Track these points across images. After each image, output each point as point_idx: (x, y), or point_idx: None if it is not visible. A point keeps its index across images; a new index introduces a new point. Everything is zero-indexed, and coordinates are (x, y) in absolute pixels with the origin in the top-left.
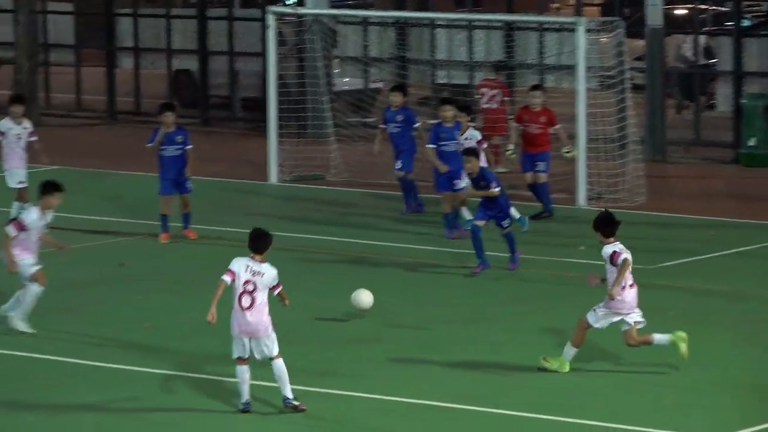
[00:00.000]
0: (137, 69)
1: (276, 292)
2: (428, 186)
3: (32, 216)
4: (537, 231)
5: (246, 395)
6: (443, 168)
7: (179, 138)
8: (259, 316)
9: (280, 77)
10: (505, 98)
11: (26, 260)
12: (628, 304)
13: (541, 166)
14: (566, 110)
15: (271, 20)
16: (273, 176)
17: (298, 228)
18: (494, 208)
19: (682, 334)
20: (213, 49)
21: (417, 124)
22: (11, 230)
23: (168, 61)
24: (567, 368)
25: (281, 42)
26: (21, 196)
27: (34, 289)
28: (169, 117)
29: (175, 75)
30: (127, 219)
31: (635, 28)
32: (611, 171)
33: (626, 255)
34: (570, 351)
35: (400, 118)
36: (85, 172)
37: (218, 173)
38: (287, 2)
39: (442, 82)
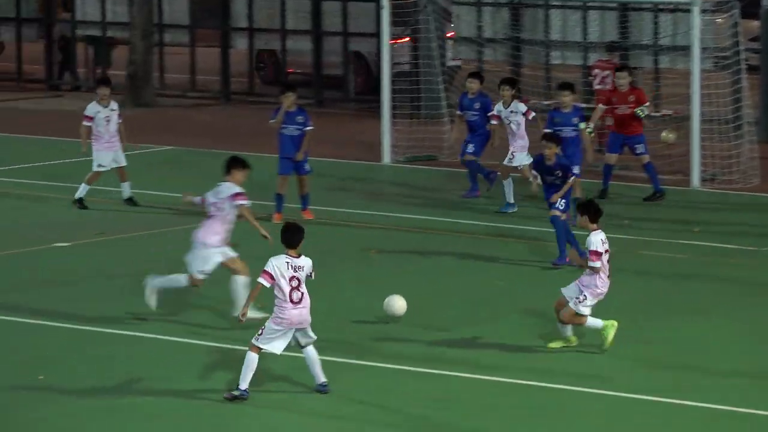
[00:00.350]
0: (251, 49)
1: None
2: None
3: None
4: (651, 212)
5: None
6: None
7: (300, 118)
8: (307, 307)
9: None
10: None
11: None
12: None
13: (639, 148)
14: (681, 91)
15: (385, 0)
16: (386, 157)
17: (412, 209)
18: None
19: (614, 323)
20: (327, 29)
21: (492, 112)
22: (243, 201)
23: (282, 41)
24: (575, 340)
25: (395, 23)
26: (121, 176)
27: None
28: (290, 97)
29: (258, 54)
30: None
31: (751, 8)
32: (725, 152)
33: (598, 264)
34: (565, 329)
35: (477, 105)
36: (198, 152)
37: (332, 154)
38: None
39: (556, 62)
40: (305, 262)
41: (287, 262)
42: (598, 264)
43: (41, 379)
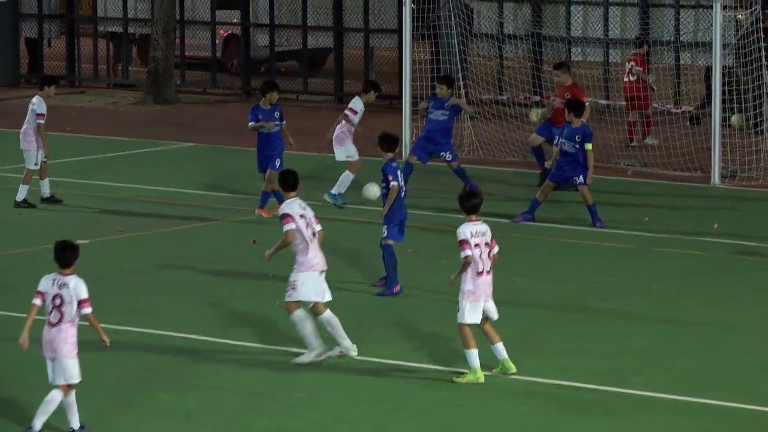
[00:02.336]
0: (272, 46)
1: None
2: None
3: None
4: (671, 209)
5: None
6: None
7: (277, 114)
8: (63, 330)
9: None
10: (637, 68)
11: None
12: (482, 290)
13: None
14: (703, 87)
15: None
16: (406, 153)
17: (436, 205)
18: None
19: (479, 377)
20: (348, 25)
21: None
22: None
23: (303, 37)
24: (481, 377)
25: (415, 18)
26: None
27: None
28: (275, 96)
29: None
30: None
31: None
32: (746, 149)
33: (469, 252)
34: (471, 355)
35: (447, 109)
36: (218, 149)
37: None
38: None
39: (577, 59)
40: (71, 281)
41: (54, 279)
42: (468, 253)
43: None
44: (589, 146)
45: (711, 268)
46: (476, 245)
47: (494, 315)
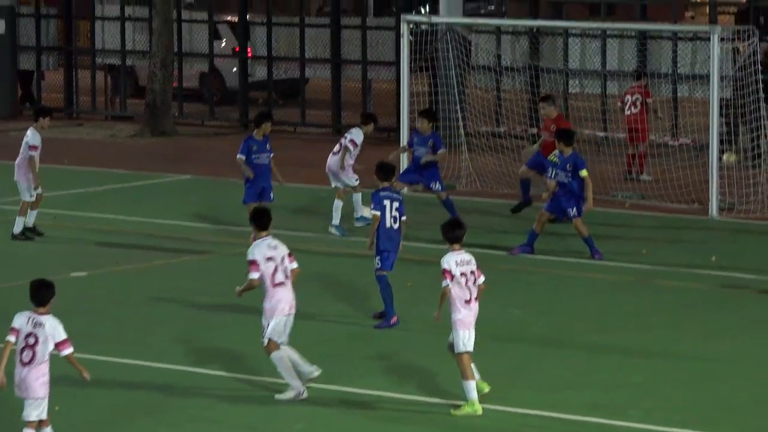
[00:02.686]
0: (270, 77)
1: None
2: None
3: None
4: (668, 241)
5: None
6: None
7: (269, 146)
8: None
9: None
10: (648, 100)
11: None
12: (472, 317)
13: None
14: (700, 120)
15: (405, 29)
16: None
17: (433, 238)
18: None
19: (477, 411)
20: (346, 58)
21: (442, 150)
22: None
23: (301, 69)
24: (479, 409)
25: (413, 51)
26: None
27: None
28: (269, 127)
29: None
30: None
31: None
32: (744, 182)
33: (449, 282)
34: (469, 387)
35: (430, 143)
36: (215, 181)
37: None
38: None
39: (574, 91)
40: (46, 321)
41: (29, 317)
42: (446, 283)
43: (57, 410)
44: (583, 172)
45: (709, 300)
46: (462, 274)
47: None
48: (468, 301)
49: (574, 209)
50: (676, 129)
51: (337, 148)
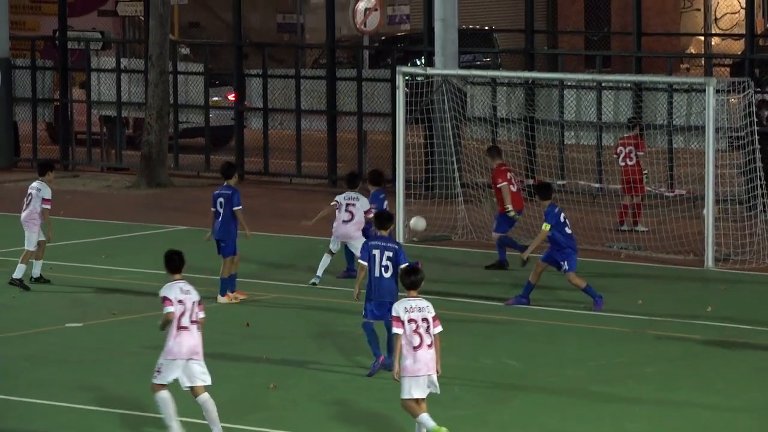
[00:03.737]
0: (266, 129)
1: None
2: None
3: None
4: (664, 292)
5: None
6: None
7: (235, 197)
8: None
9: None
10: (639, 153)
11: None
12: (423, 363)
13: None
14: (695, 171)
15: (400, 80)
16: (400, 237)
17: (426, 289)
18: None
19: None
20: (341, 109)
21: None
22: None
23: (297, 121)
24: (444, 428)
25: (409, 102)
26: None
27: None
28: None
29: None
30: (254, 279)
31: (766, 88)
32: (739, 233)
33: (399, 330)
34: (422, 419)
35: (382, 196)
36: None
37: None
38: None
39: (570, 142)
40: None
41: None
42: (398, 331)
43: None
44: (545, 226)
45: (705, 351)
46: (411, 320)
47: (436, 389)
48: (416, 347)
49: (566, 263)
50: (672, 180)
51: (348, 216)
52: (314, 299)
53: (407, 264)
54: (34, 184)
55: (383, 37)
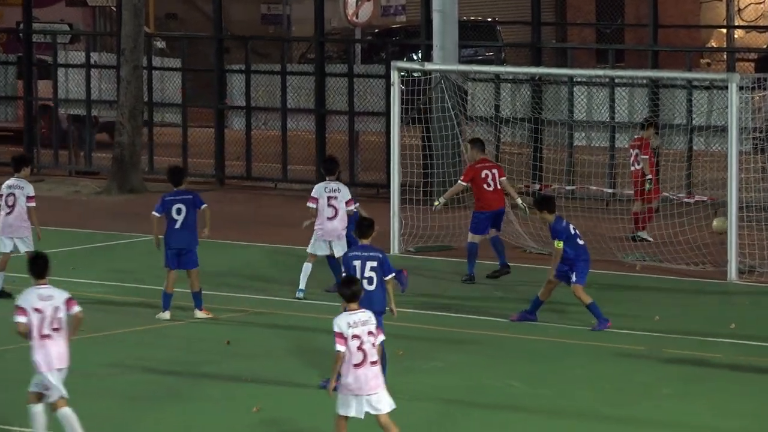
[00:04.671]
0: (248, 130)
1: None
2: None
3: None
4: (684, 307)
5: None
6: None
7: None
8: None
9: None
10: (642, 156)
11: None
12: (364, 382)
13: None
14: (717, 175)
15: (396, 77)
16: (395, 247)
17: (424, 303)
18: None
19: None
20: (331, 108)
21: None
22: None
23: (283, 120)
24: None
25: (404, 101)
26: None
27: None
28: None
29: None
30: (236, 294)
31: None
32: (765, 242)
33: (342, 348)
34: None
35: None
36: None
37: None
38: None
39: (580, 144)
40: None
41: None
42: (341, 348)
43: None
44: (557, 244)
45: (727, 372)
46: (354, 336)
47: (384, 408)
48: (358, 365)
49: (575, 274)
50: (691, 185)
51: (332, 212)
52: (300, 315)
53: (349, 276)
54: (11, 181)
55: (377, 30)
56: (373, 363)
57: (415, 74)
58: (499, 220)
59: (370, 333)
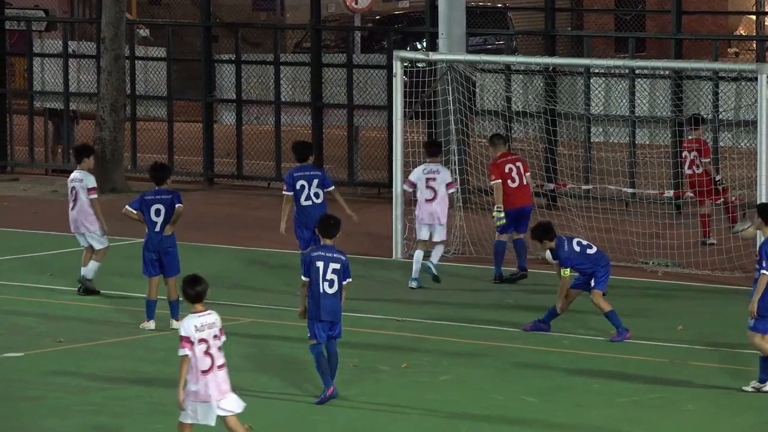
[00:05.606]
0: (239, 125)
1: None
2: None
3: None
4: (711, 314)
5: None
6: None
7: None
8: None
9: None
10: (704, 159)
11: None
12: (211, 388)
13: None
14: (746, 173)
15: (398, 67)
16: (398, 252)
17: (430, 312)
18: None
19: None
20: (328, 101)
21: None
22: None
23: (276, 115)
24: None
25: (407, 93)
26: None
27: None
28: None
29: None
30: (225, 302)
31: None
32: None
33: (187, 352)
34: None
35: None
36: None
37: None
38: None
39: (597, 140)
40: None
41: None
42: (184, 352)
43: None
44: (564, 272)
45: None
46: (201, 340)
47: (235, 408)
48: (205, 372)
49: (594, 279)
50: (716, 185)
51: (431, 194)
52: (293, 324)
53: (192, 275)
54: (74, 174)
55: (378, 17)
56: (220, 367)
57: (419, 64)
58: (524, 219)
59: (215, 336)
